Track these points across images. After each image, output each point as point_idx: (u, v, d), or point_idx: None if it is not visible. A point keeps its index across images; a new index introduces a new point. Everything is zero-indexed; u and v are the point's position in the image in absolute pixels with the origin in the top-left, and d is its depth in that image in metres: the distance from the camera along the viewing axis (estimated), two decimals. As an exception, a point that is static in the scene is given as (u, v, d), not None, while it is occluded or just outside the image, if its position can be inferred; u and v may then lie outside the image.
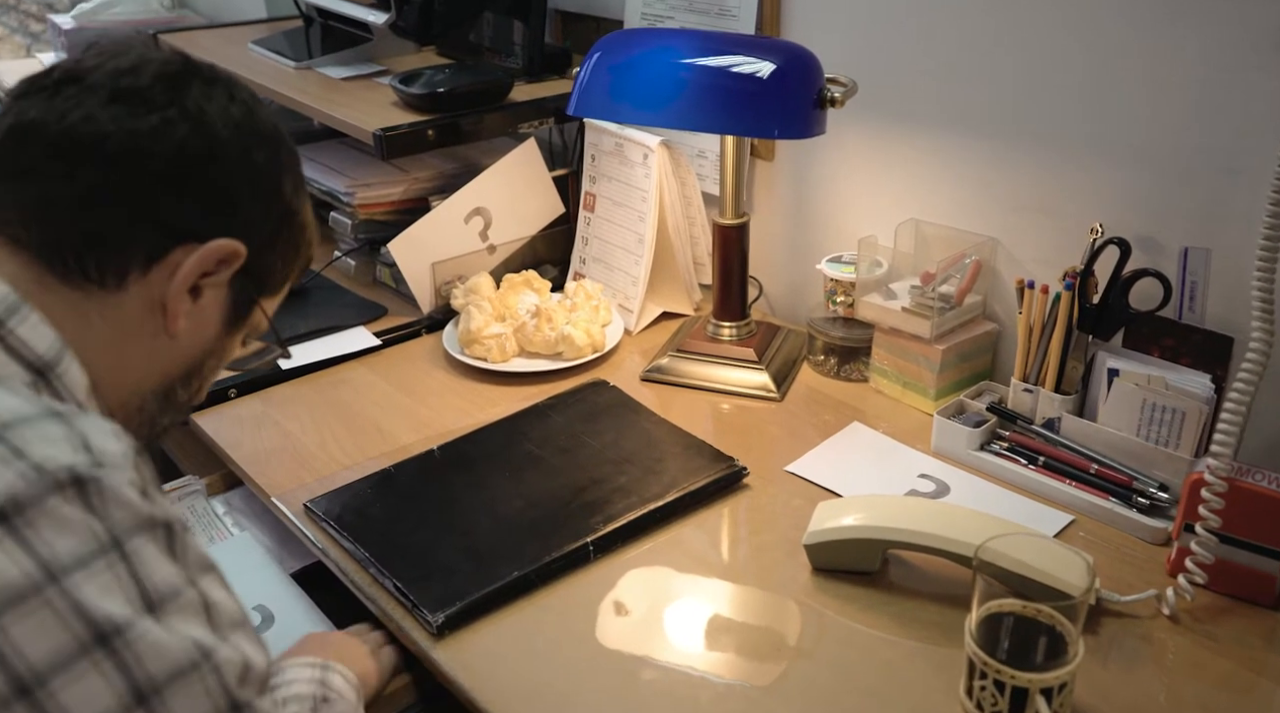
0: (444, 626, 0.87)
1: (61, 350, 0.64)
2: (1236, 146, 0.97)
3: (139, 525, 0.54)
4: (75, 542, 0.51)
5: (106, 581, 0.52)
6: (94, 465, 0.53)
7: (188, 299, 0.70)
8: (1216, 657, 0.85)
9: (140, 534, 0.54)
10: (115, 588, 0.52)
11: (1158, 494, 0.98)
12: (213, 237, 0.69)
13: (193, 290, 0.70)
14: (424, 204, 1.49)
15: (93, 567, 0.51)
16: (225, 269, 0.70)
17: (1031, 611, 0.77)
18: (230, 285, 0.73)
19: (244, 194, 0.71)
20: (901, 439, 1.15)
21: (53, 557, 0.50)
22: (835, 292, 1.27)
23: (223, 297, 0.73)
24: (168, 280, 0.68)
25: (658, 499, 1.02)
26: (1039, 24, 1.08)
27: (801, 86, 1.07)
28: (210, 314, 0.73)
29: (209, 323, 0.73)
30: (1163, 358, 1.02)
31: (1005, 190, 1.17)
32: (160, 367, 0.72)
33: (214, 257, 0.69)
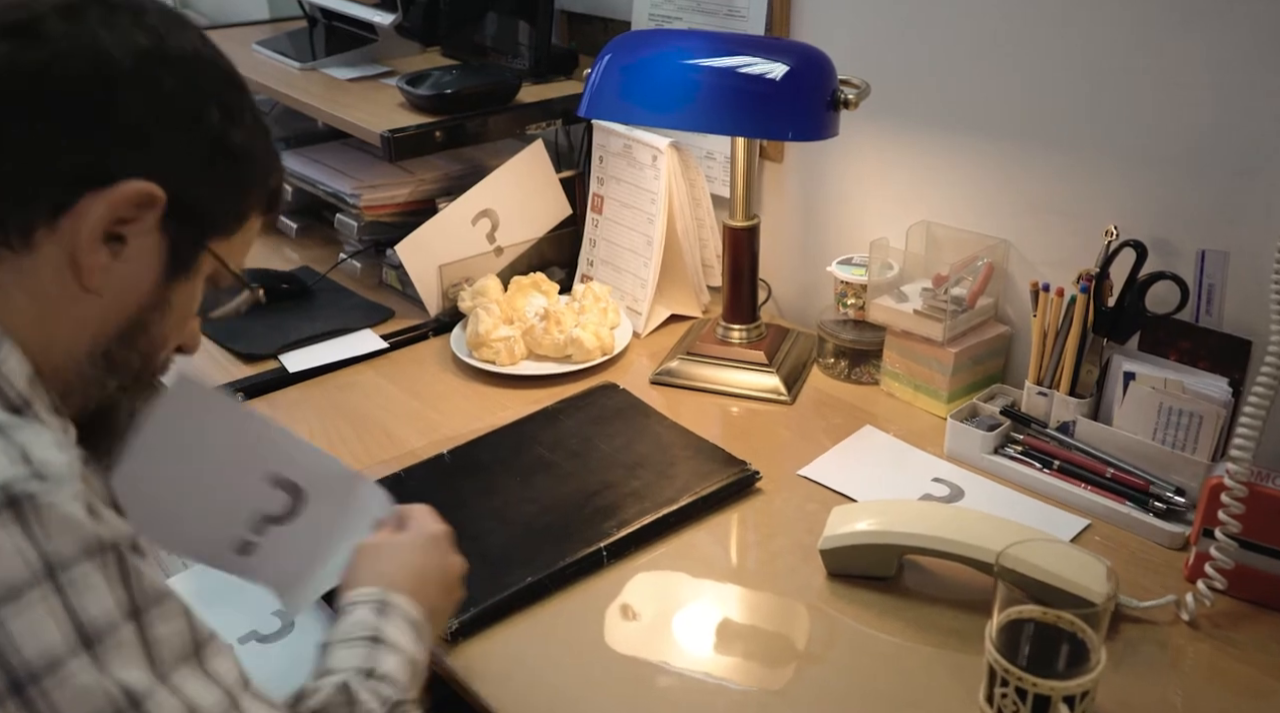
0: (458, 632, 0.86)
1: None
2: (1253, 147, 0.96)
3: (82, 550, 0.50)
4: (5, 571, 0.47)
5: (37, 615, 0.47)
6: (33, 479, 0.49)
7: (104, 251, 0.62)
8: (1238, 663, 0.84)
9: (82, 561, 0.50)
10: (46, 623, 0.47)
11: (1174, 499, 0.98)
12: (123, 178, 0.61)
13: (114, 239, 0.62)
14: (429, 206, 1.49)
15: (22, 600, 0.47)
16: (147, 213, 0.62)
17: (1052, 617, 0.76)
18: (163, 230, 0.64)
19: (154, 127, 0.62)
20: (914, 443, 1.14)
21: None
22: (846, 294, 1.26)
23: (156, 243, 0.64)
24: (78, 230, 0.60)
25: (671, 504, 1.01)
26: (1052, 24, 1.07)
27: (815, 88, 1.06)
28: (142, 264, 0.64)
29: (142, 274, 0.65)
30: (1179, 361, 1.01)
31: (1017, 192, 1.16)
32: (89, 329, 0.64)
33: (126, 201, 0.61)
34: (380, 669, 0.70)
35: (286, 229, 1.70)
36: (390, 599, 0.75)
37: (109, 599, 0.50)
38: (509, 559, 0.94)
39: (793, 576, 0.95)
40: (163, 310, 0.67)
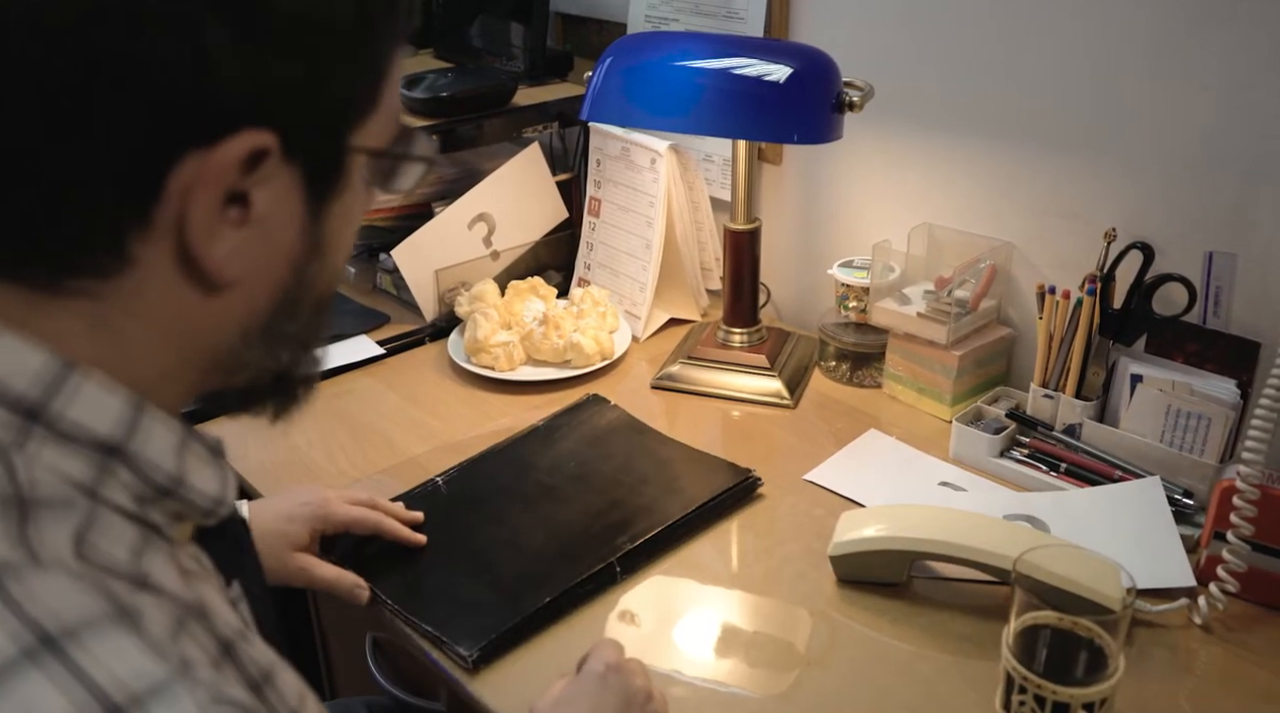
0: (478, 660, 0.84)
1: (136, 414, 0.46)
2: (1260, 149, 0.96)
3: None
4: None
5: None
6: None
7: (226, 229, 0.45)
8: (1252, 667, 0.84)
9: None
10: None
11: (1183, 501, 0.98)
12: (216, 133, 0.43)
13: (233, 204, 0.45)
14: (424, 210, 1.47)
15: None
16: (265, 162, 0.45)
17: (1069, 623, 0.75)
18: (290, 160, 0.46)
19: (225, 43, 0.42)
20: (918, 446, 1.13)
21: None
22: (847, 297, 1.26)
23: (288, 181, 0.47)
24: (183, 219, 0.44)
25: (679, 513, 0.99)
26: (1055, 25, 1.07)
27: (820, 91, 1.05)
28: (280, 216, 0.48)
29: (283, 227, 0.48)
30: (1187, 363, 1.01)
31: (1020, 194, 1.16)
32: (236, 322, 0.50)
33: (232, 164, 0.44)
34: None
35: (278, 234, 1.68)
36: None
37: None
38: (523, 584, 0.91)
39: (802, 582, 0.94)
40: (322, 252, 0.51)
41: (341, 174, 0.49)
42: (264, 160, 0.45)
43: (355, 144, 0.49)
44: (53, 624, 0.38)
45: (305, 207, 0.49)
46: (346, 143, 0.49)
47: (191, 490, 0.49)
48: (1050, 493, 1.02)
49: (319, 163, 0.48)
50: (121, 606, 0.40)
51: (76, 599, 0.39)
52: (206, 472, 0.51)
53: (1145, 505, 0.97)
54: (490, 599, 0.90)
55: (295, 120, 0.45)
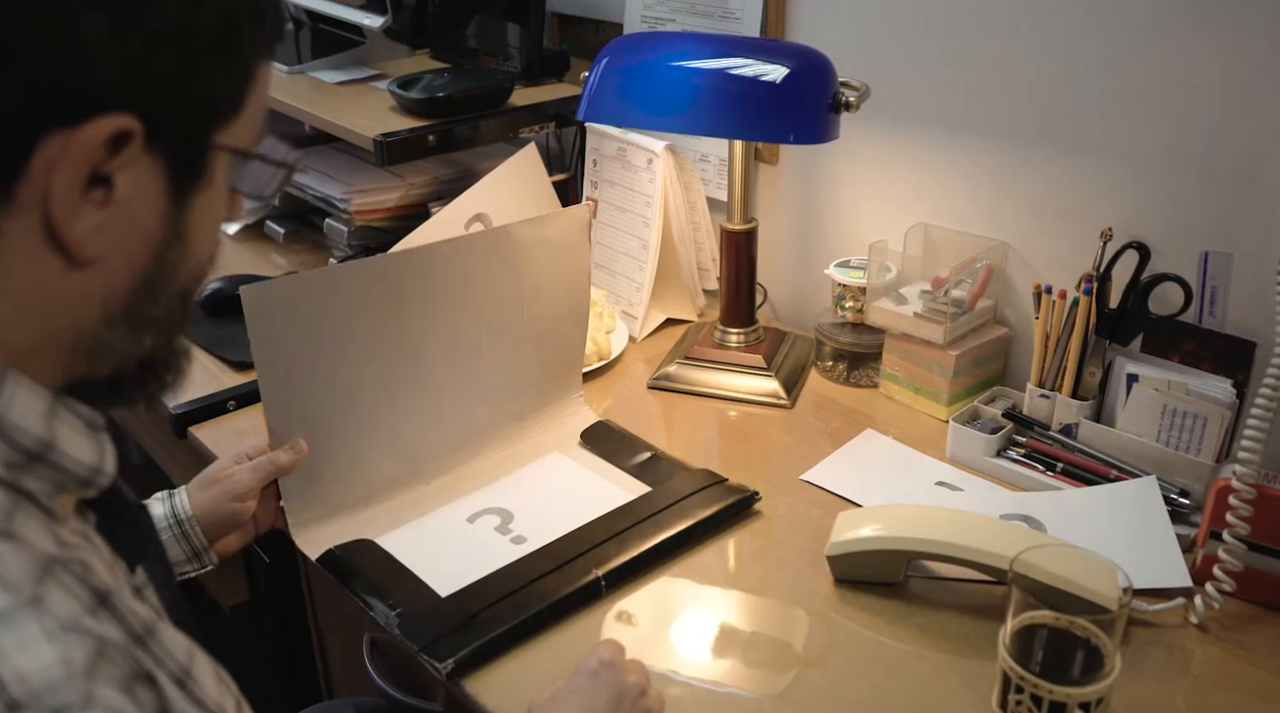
0: (454, 673, 0.83)
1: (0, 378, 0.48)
2: (1257, 149, 0.96)
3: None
4: None
5: None
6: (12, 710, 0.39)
7: (89, 208, 0.47)
8: (1248, 666, 0.84)
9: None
10: None
11: (1179, 500, 0.98)
12: (82, 114, 0.45)
13: (96, 185, 0.47)
14: (420, 210, 1.47)
15: None
16: (128, 145, 0.47)
17: (1065, 623, 0.75)
18: (152, 149, 0.48)
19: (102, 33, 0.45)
20: (915, 446, 1.13)
21: None
22: (844, 297, 1.26)
23: (150, 169, 0.49)
24: (46, 196, 0.46)
25: (669, 529, 0.97)
26: (1051, 25, 1.07)
27: (816, 91, 1.05)
28: (141, 201, 0.49)
29: (144, 213, 0.50)
30: (1183, 363, 1.01)
31: (1016, 194, 1.16)
32: (97, 300, 0.51)
33: (95, 145, 0.46)
34: None
35: (274, 234, 1.68)
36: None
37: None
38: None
39: (799, 582, 0.94)
40: (184, 240, 0.53)
41: (204, 169, 0.52)
42: (127, 144, 0.47)
43: (219, 142, 0.52)
44: None
45: (168, 196, 0.50)
46: (210, 140, 0.51)
47: (64, 457, 0.50)
48: (1047, 493, 1.03)
49: (182, 155, 0.50)
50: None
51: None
52: (80, 441, 0.52)
53: (1141, 505, 0.97)
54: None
55: (160, 110, 0.47)
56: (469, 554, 0.97)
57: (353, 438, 1.02)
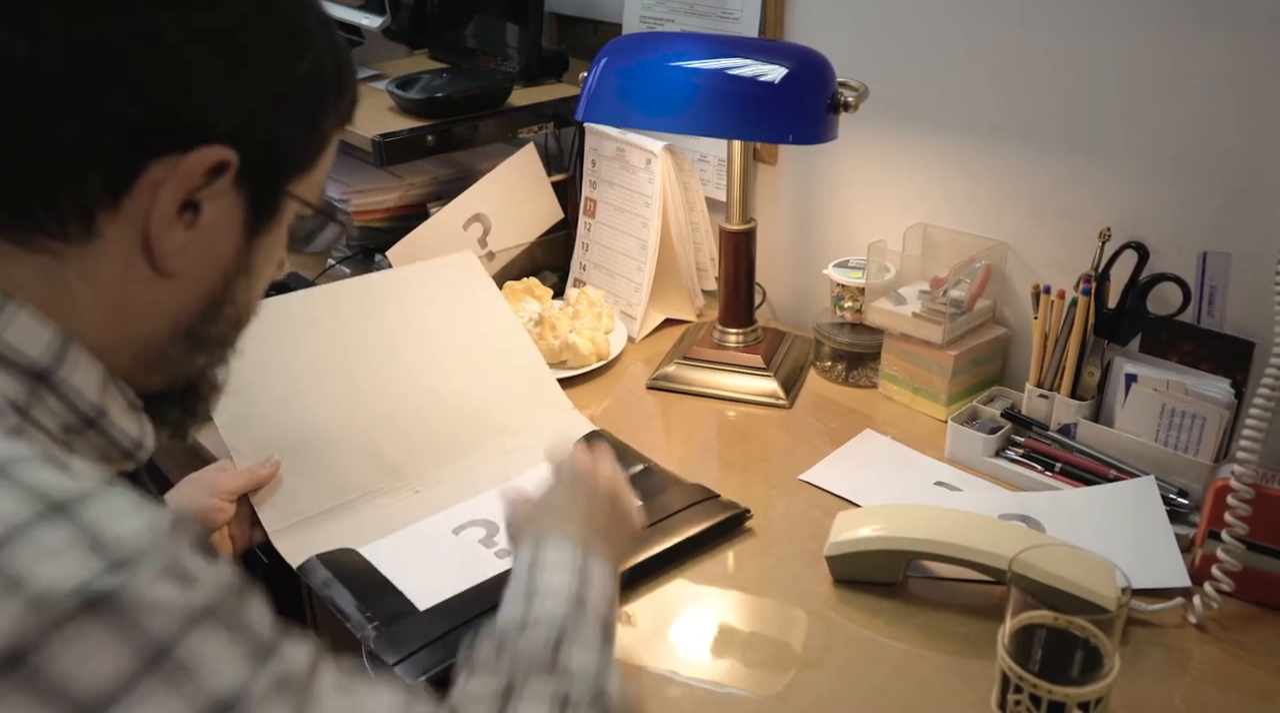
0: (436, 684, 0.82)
1: (64, 345, 0.53)
2: (1256, 149, 0.96)
3: (182, 627, 0.44)
4: (105, 673, 0.41)
5: (155, 709, 0.42)
6: (112, 570, 0.42)
7: (179, 227, 0.54)
8: (1246, 666, 0.84)
9: (186, 637, 0.44)
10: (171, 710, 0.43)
11: (1178, 500, 0.98)
12: (192, 143, 0.52)
13: (187, 209, 0.54)
14: (420, 210, 1.47)
15: (133, 697, 0.42)
16: (223, 176, 0.54)
17: (1064, 623, 0.75)
18: (239, 186, 0.55)
19: (215, 72, 0.52)
20: (914, 446, 1.13)
21: (81, 698, 0.41)
22: (843, 297, 1.26)
23: (233, 202, 0.56)
24: (148, 210, 0.52)
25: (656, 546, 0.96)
26: (1050, 25, 1.07)
27: (815, 91, 1.05)
28: (221, 230, 0.56)
29: (222, 241, 0.57)
30: (1181, 363, 1.01)
31: (1015, 194, 1.16)
32: (169, 311, 0.57)
33: (199, 172, 0.53)
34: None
35: (273, 234, 1.68)
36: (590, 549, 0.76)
37: (234, 658, 0.45)
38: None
39: (798, 582, 0.94)
40: (250, 273, 0.60)
41: (277, 213, 0.59)
42: (222, 175, 0.54)
43: (292, 191, 0.59)
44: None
45: (244, 230, 0.58)
46: (286, 187, 0.59)
47: (113, 426, 0.57)
48: (1045, 493, 1.03)
49: (263, 195, 0.58)
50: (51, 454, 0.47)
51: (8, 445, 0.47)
52: (125, 415, 0.58)
53: (1140, 505, 0.97)
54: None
55: (252, 149, 0.55)
56: (451, 567, 0.95)
57: (319, 446, 1.04)
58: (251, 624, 0.47)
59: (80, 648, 0.41)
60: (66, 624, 0.41)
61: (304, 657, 0.49)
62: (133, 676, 0.42)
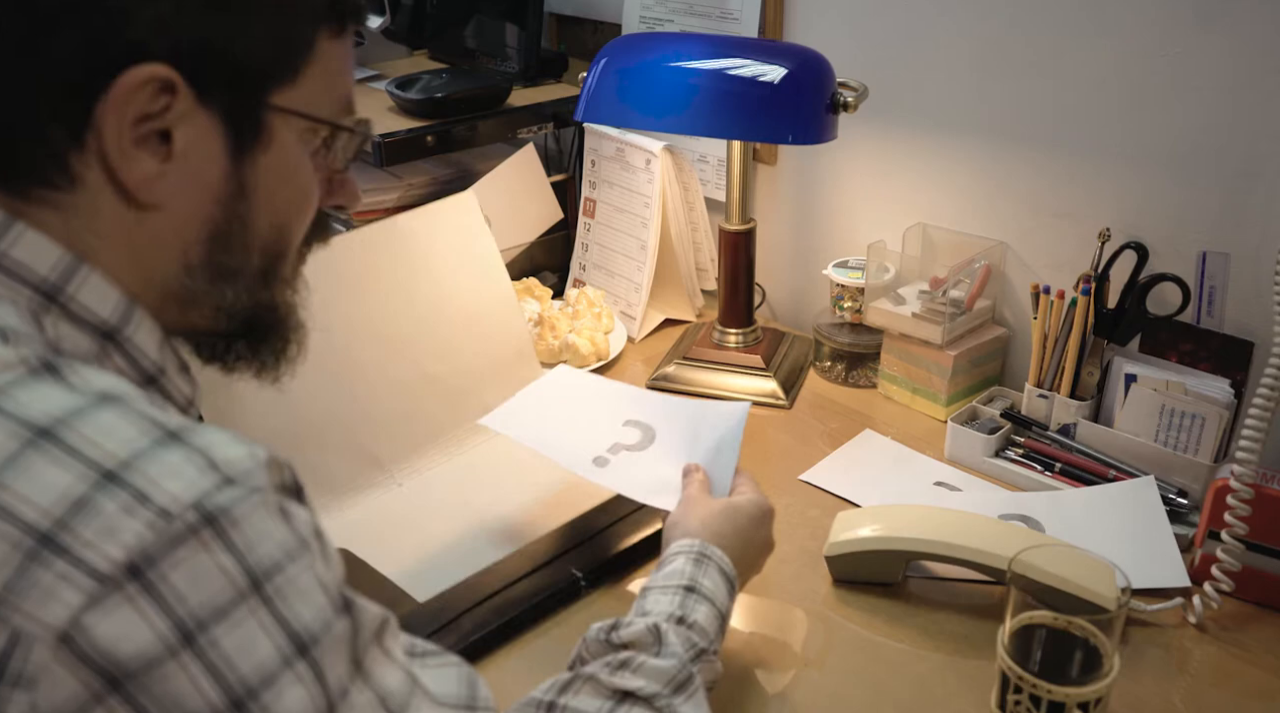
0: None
1: (128, 309, 0.55)
2: (1255, 150, 0.96)
3: (283, 556, 0.47)
4: (212, 591, 0.44)
5: (249, 630, 0.45)
6: (224, 487, 0.45)
7: (145, 157, 0.53)
8: (1246, 665, 0.84)
9: (286, 567, 0.47)
10: (259, 638, 0.45)
11: (1177, 500, 0.98)
12: (120, 67, 0.50)
13: (156, 139, 0.53)
14: (419, 211, 1.47)
15: (232, 617, 0.45)
16: (171, 97, 0.52)
17: (1064, 623, 0.75)
18: (205, 106, 0.53)
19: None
20: (913, 446, 1.13)
21: (188, 613, 0.44)
22: (842, 297, 1.26)
23: (207, 124, 0.54)
24: (100, 144, 0.52)
25: (650, 528, 0.97)
26: (1048, 26, 1.07)
27: (814, 91, 1.05)
28: (201, 156, 0.54)
29: (205, 166, 0.55)
30: (1180, 363, 1.01)
31: (1014, 194, 1.16)
32: (172, 246, 0.56)
33: (133, 96, 0.51)
34: (691, 618, 0.72)
35: (272, 235, 1.68)
36: (708, 552, 0.78)
37: (321, 601, 0.48)
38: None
39: (798, 582, 0.94)
40: (250, 198, 0.57)
41: (262, 130, 0.56)
42: (174, 96, 0.52)
43: (275, 104, 0.56)
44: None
45: (227, 153, 0.56)
46: (264, 100, 0.56)
47: (170, 384, 0.58)
48: (1045, 493, 1.03)
49: (236, 114, 0.55)
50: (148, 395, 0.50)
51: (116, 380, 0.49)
52: (180, 376, 0.60)
53: (1140, 505, 0.97)
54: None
55: (200, 65, 0.52)
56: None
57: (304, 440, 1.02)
58: (334, 569, 0.50)
59: (195, 564, 0.44)
60: (187, 539, 0.44)
61: (378, 613, 0.52)
62: (238, 594, 0.45)
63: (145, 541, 0.43)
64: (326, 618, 0.48)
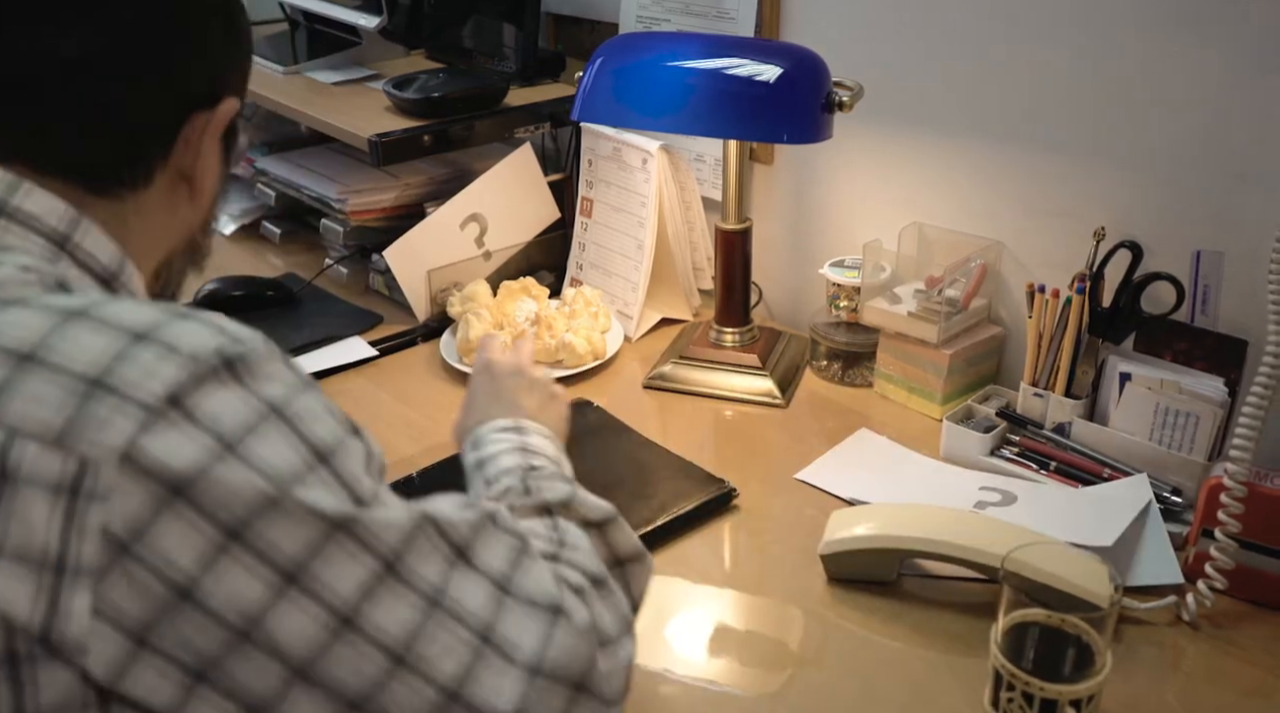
0: None
1: (123, 259, 0.66)
2: (1250, 149, 0.96)
3: (296, 389, 0.55)
4: (240, 415, 0.52)
5: (274, 441, 0.52)
6: (236, 343, 0.54)
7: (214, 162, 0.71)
8: (1239, 663, 0.84)
9: (299, 396, 0.55)
10: (282, 448, 0.53)
11: (1172, 498, 0.98)
12: (216, 96, 0.68)
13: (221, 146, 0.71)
14: (416, 210, 1.48)
15: (259, 431, 0.52)
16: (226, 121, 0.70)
17: (1057, 620, 0.76)
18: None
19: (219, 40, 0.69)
20: (909, 445, 1.14)
21: (224, 430, 0.51)
22: (838, 296, 1.26)
23: (218, 144, 0.72)
24: (185, 154, 0.68)
25: (647, 524, 0.98)
26: (1044, 25, 1.07)
27: (810, 91, 1.06)
28: (215, 160, 0.72)
29: (215, 168, 0.72)
30: (1175, 362, 1.01)
31: (1010, 193, 1.16)
32: (186, 227, 0.73)
33: (224, 119, 0.69)
34: (535, 463, 0.79)
35: (270, 235, 1.68)
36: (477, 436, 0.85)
37: (331, 423, 0.56)
38: None
39: (793, 581, 0.94)
40: (224, 188, 0.75)
41: (236, 137, 0.74)
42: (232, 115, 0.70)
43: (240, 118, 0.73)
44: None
45: (222, 159, 0.72)
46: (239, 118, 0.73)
47: None
48: (1038, 486, 1.03)
49: (229, 130, 0.72)
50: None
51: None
52: None
53: (1134, 503, 0.97)
54: None
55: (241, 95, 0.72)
56: None
57: None
58: (337, 407, 0.58)
59: (222, 396, 0.52)
60: (212, 376, 0.52)
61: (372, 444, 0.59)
62: (260, 417, 0.53)
63: (180, 378, 0.51)
64: (339, 435, 0.55)
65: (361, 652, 0.53)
